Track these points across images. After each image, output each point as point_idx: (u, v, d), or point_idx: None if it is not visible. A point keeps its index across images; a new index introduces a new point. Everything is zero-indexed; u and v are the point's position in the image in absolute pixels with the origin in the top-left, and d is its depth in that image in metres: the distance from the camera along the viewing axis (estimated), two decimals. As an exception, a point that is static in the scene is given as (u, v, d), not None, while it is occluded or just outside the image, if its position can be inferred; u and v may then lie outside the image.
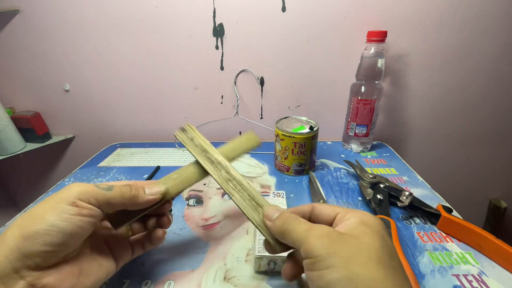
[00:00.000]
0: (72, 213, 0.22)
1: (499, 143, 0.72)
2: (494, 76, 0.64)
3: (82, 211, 0.23)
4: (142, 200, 0.27)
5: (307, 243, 0.20)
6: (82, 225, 0.23)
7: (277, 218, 0.23)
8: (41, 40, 0.64)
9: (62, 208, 0.22)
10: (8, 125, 0.67)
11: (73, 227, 0.22)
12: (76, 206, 0.23)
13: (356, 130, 0.61)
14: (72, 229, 0.22)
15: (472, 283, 0.32)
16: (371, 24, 0.58)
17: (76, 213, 0.22)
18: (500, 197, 0.80)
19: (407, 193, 0.42)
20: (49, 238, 0.21)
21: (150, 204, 0.28)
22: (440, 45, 0.60)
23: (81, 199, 0.23)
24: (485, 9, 0.57)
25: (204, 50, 0.64)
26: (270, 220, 0.24)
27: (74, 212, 0.22)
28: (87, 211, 0.23)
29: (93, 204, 0.24)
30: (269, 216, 0.24)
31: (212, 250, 0.37)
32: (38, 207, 0.23)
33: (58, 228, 0.21)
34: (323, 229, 0.20)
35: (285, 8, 0.59)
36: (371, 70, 0.56)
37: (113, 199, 0.25)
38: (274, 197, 0.43)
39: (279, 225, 0.23)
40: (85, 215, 0.23)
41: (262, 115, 0.71)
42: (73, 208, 0.22)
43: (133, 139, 0.77)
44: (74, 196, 0.23)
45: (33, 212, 0.22)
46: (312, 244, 0.19)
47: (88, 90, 0.70)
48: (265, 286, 0.32)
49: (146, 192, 0.27)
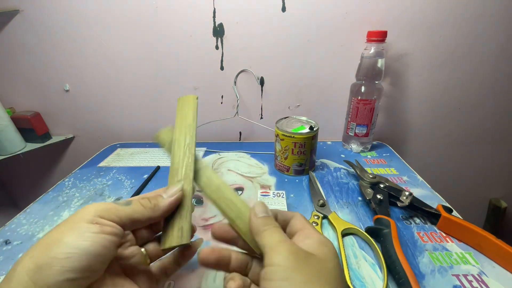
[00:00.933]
0: (95, 231, 0.19)
1: (499, 143, 0.72)
2: (494, 76, 0.64)
3: (104, 229, 0.20)
4: (164, 206, 0.24)
5: (275, 251, 0.20)
6: (106, 245, 0.20)
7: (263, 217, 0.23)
8: (41, 40, 0.64)
9: (81, 228, 0.19)
10: (8, 125, 0.67)
11: (97, 247, 0.19)
12: (96, 224, 0.20)
13: (356, 130, 0.61)
14: (96, 249, 0.19)
15: (472, 283, 0.32)
16: (371, 24, 0.58)
17: (98, 231, 0.20)
18: (500, 197, 0.80)
19: (407, 193, 0.42)
20: (70, 263, 0.17)
21: (174, 206, 0.25)
22: (440, 45, 0.60)
23: (102, 216, 0.21)
24: (485, 9, 0.57)
25: (204, 50, 0.64)
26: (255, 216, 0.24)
27: (96, 230, 0.19)
28: (110, 228, 0.20)
29: (115, 221, 0.21)
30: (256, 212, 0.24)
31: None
32: (52, 232, 0.19)
33: (80, 249, 0.18)
34: (294, 245, 0.21)
35: (285, 8, 0.59)
36: (371, 70, 0.56)
37: (135, 214, 0.23)
38: (274, 197, 0.43)
39: (261, 224, 0.23)
40: (109, 233, 0.20)
41: (262, 115, 0.71)
42: (94, 225, 0.20)
43: (133, 139, 0.77)
44: (92, 214, 0.20)
45: (46, 238, 0.19)
46: (280, 254, 0.20)
47: (88, 90, 0.70)
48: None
49: (164, 196, 0.25)
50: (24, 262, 0.18)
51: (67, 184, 0.55)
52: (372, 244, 0.37)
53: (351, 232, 0.40)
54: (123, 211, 0.22)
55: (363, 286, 0.32)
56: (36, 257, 0.18)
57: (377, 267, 0.34)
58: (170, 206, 0.25)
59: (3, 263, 0.36)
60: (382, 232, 0.37)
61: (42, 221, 0.45)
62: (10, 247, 0.39)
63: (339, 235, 0.38)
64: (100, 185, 0.54)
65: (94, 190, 0.52)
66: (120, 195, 0.50)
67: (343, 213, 0.44)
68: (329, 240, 0.23)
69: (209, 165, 0.59)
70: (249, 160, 0.62)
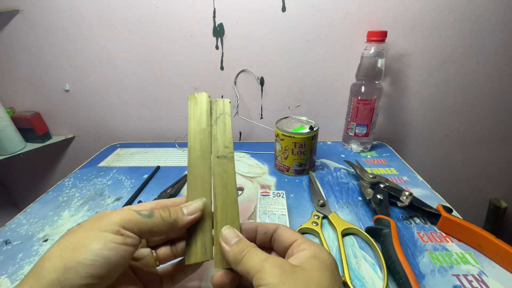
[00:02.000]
0: (119, 242, 0.21)
1: (499, 143, 0.72)
2: (494, 76, 0.64)
3: (127, 241, 0.21)
4: (182, 224, 0.24)
5: (261, 271, 0.20)
6: (126, 256, 0.21)
7: (236, 243, 0.23)
8: (41, 40, 0.64)
9: (107, 237, 0.20)
10: (8, 125, 0.67)
11: (118, 258, 0.20)
12: (121, 235, 0.21)
13: (356, 130, 0.61)
14: (117, 259, 0.20)
15: (472, 283, 0.32)
16: (371, 24, 0.58)
17: (121, 243, 0.21)
18: (500, 197, 0.80)
19: (407, 193, 0.42)
20: (93, 269, 0.19)
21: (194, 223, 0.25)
22: (440, 45, 0.60)
23: (125, 227, 0.22)
24: (485, 9, 0.57)
25: (204, 50, 0.64)
26: (228, 244, 0.23)
27: (120, 242, 0.21)
28: (131, 240, 0.22)
29: (136, 233, 0.22)
30: (227, 240, 0.23)
31: (212, 250, 0.37)
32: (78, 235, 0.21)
33: (104, 258, 0.20)
34: (277, 260, 0.21)
35: (285, 8, 0.59)
36: (371, 70, 0.56)
37: (155, 227, 0.23)
38: (274, 197, 0.43)
39: (237, 252, 0.22)
40: (129, 244, 0.21)
41: (262, 115, 0.71)
42: (118, 237, 0.21)
43: (133, 139, 0.77)
44: (117, 224, 0.21)
45: (74, 240, 0.20)
46: (266, 272, 0.20)
47: (88, 90, 0.70)
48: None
49: (185, 213, 0.25)
50: (54, 261, 0.19)
51: (67, 184, 0.55)
52: (372, 244, 0.37)
53: (351, 232, 0.40)
54: (145, 224, 0.23)
55: (363, 286, 0.32)
56: (65, 258, 0.19)
57: (377, 267, 0.34)
58: (190, 224, 0.25)
59: (3, 263, 0.36)
60: (382, 232, 0.37)
61: (42, 221, 0.45)
62: (10, 247, 0.39)
63: (339, 235, 0.38)
64: (100, 185, 0.54)
65: (94, 190, 0.52)
66: (120, 195, 0.50)
67: (343, 213, 0.44)
68: (323, 251, 0.22)
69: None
70: (249, 160, 0.62)
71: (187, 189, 0.27)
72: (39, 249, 0.38)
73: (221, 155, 0.29)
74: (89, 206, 0.47)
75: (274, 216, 0.40)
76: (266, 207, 0.42)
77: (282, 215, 0.40)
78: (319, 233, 0.38)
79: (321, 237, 0.38)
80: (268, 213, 0.40)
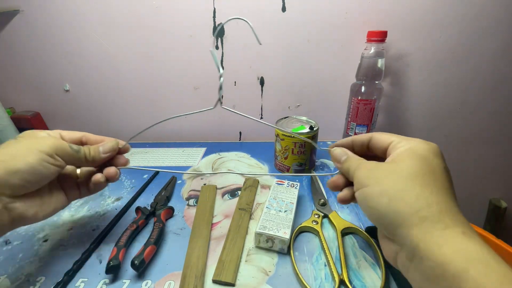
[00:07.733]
0: (50, 162, 0.28)
1: (499, 143, 0.72)
2: (494, 76, 0.64)
3: (57, 163, 0.29)
4: (99, 160, 0.33)
5: (356, 173, 0.26)
6: (53, 172, 0.29)
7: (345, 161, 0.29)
8: (41, 40, 0.64)
9: (42, 157, 0.28)
10: (8, 125, 0.67)
11: (47, 173, 0.28)
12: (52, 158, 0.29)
13: (356, 130, 0.61)
14: (46, 173, 0.28)
15: (472, 283, 0.32)
16: (371, 24, 0.59)
17: (52, 163, 0.29)
18: (500, 197, 0.80)
19: (407, 193, 0.42)
20: (27, 176, 0.27)
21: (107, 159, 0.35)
22: (440, 45, 0.61)
23: (57, 154, 0.29)
24: (485, 9, 0.57)
25: (204, 50, 0.64)
26: (339, 162, 0.30)
27: (51, 162, 0.29)
28: (60, 163, 0.30)
29: (64, 160, 0.30)
30: (338, 158, 0.30)
31: (213, 250, 0.37)
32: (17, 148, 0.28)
33: (37, 170, 0.27)
34: (368, 163, 0.26)
35: (285, 8, 0.59)
36: (371, 70, 0.56)
37: (78, 161, 0.32)
38: (288, 187, 0.45)
39: (346, 166, 0.28)
40: (58, 166, 0.29)
41: (262, 115, 0.71)
42: (51, 159, 0.28)
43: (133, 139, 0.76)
44: (52, 149, 0.29)
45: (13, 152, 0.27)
46: (359, 171, 0.26)
47: (88, 90, 0.70)
48: (265, 286, 0.32)
49: (101, 151, 0.33)
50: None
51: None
52: (372, 244, 0.37)
53: (351, 232, 0.40)
54: (72, 156, 0.31)
55: (363, 286, 0.32)
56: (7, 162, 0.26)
57: (377, 267, 0.34)
58: (104, 161, 0.34)
59: (3, 263, 0.36)
60: (382, 232, 0.37)
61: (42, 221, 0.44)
62: (10, 247, 0.39)
63: (339, 234, 0.38)
64: (100, 185, 0.54)
65: (94, 190, 0.52)
66: (120, 195, 0.50)
67: (343, 212, 0.44)
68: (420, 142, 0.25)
69: (209, 165, 0.59)
70: (249, 160, 0.62)
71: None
72: (39, 249, 0.38)
73: (242, 207, 0.44)
74: (89, 206, 0.47)
75: (283, 202, 0.41)
76: (278, 194, 0.43)
77: (291, 203, 0.41)
78: (319, 232, 0.38)
79: (321, 236, 0.38)
80: (277, 199, 0.42)
